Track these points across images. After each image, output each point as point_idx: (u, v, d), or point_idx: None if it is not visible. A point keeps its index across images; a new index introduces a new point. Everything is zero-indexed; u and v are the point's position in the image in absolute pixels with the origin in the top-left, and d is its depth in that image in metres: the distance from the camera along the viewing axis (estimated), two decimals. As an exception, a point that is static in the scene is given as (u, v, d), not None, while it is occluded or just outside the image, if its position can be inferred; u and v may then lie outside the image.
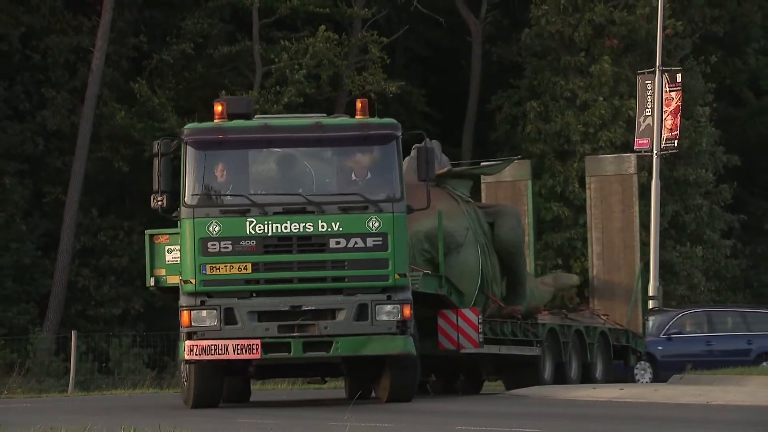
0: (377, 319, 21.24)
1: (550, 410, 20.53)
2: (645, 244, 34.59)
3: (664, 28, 34.70)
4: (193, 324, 21.25)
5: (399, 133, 21.60)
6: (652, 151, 36.13)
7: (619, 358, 28.81)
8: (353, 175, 21.62)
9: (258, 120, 22.29)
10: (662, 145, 36.04)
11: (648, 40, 40.28)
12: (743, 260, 47.01)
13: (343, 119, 22.35)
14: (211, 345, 21.09)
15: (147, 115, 41.07)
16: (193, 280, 21.26)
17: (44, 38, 41.36)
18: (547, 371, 26.57)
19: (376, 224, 21.24)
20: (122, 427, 15.21)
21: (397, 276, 21.27)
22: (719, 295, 44.81)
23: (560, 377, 26.74)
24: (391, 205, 21.33)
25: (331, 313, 21.26)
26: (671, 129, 35.87)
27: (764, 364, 32.55)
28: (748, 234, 47.93)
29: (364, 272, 21.29)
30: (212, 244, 21.19)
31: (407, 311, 21.25)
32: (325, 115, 22.84)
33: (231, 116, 21.80)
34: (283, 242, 21.19)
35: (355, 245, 21.20)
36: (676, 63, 39.99)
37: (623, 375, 30.39)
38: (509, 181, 28.76)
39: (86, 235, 41.12)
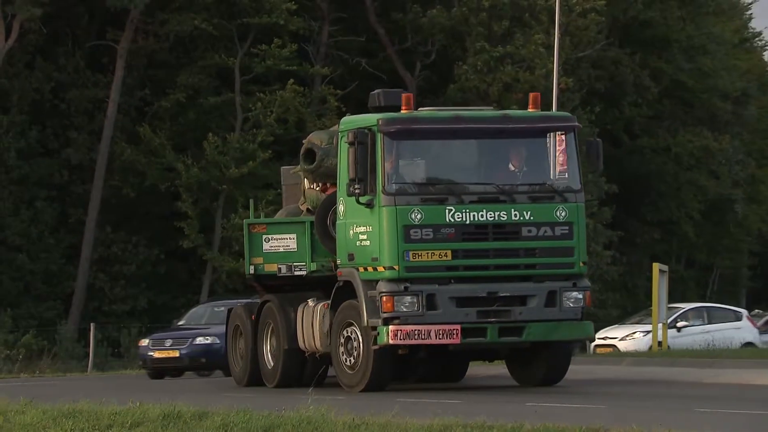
0: (564, 305, 18.12)
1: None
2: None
3: (558, 84, 34.81)
4: (395, 309, 17.79)
5: (577, 125, 18.76)
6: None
7: None
8: (537, 165, 18.59)
9: (450, 111, 19.24)
10: (556, 177, 35.91)
11: (546, 93, 40.44)
12: (620, 267, 47.32)
13: (527, 111, 18.95)
14: (415, 330, 17.69)
15: (150, 152, 40.96)
16: (396, 267, 17.83)
17: (69, 91, 41.33)
18: None
19: (563, 213, 18.21)
20: (130, 400, 15.08)
21: (581, 264, 18.30)
22: (601, 295, 45.02)
23: None
24: (574, 195, 18.38)
25: (521, 300, 18.11)
26: (562, 164, 35.81)
27: None
28: (624, 246, 48.27)
29: (553, 260, 18.19)
30: (414, 231, 17.84)
31: (589, 298, 18.36)
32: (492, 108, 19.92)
33: (386, 108, 18.70)
34: (479, 230, 18.00)
35: (545, 233, 18.10)
36: (568, 112, 40.16)
37: None
38: None
39: (102, 247, 41.05)
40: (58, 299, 40.32)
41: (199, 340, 27.60)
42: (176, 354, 27.47)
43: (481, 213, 17.96)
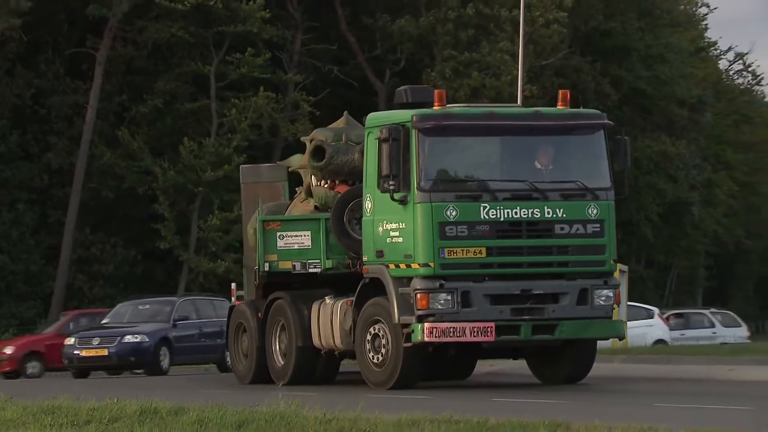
0: (596, 303, 17.29)
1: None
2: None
3: (522, 91, 34.84)
4: (430, 306, 16.89)
5: (607, 123, 17.78)
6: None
7: None
8: (568, 162, 17.75)
9: (482, 107, 18.56)
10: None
11: (511, 100, 40.46)
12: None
13: (558, 109, 17.97)
14: (450, 327, 16.79)
15: (128, 156, 40.83)
16: (432, 264, 16.92)
17: (49, 97, 41.15)
18: None
19: (594, 211, 17.34)
20: (108, 396, 14.96)
21: (611, 262, 17.45)
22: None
23: None
24: (605, 192, 17.46)
25: (554, 297, 17.23)
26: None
27: None
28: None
29: (585, 258, 17.30)
30: (450, 229, 16.95)
31: (618, 296, 17.57)
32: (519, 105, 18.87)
33: (413, 104, 17.71)
34: (513, 227, 17.13)
35: (577, 231, 17.23)
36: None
37: None
38: (267, 182, 24.00)
39: (81, 248, 40.88)
40: (38, 299, 40.15)
41: (128, 339, 26.55)
42: (105, 353, 26.40)
43: (515, 210, 17.13)
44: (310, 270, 18.96)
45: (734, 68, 64.22)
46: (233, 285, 23.59)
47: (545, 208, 17.17)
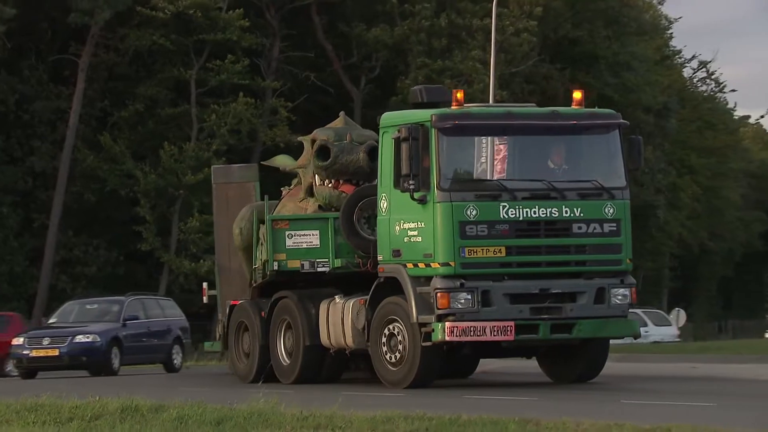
0: (612, 302, 16.81)
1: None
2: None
3: (494, 98, 34.84)
4: (451, 306, 16.38)
5: (623, 122, 17.32)
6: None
7: None
8: (585, 161, 17.25)
9: (500, 107, 18.01)
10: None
11: (482, 106, 40.45)
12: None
13: (575, 108, 17.56)
14: (471, 326, 16.28)
15: (110, 160, 40.74)
16: (452, 263, 16.39)
17: (33, 102, 41.01)
18: None
19: (611, 210, 16.84)
20: (90, 394, 14.88)
21: (627, 261, 17.01)
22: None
23: None
24: (621, 192, 16.99)
25: (571, 296, 16.73)
26: (500, 172, 35.77)
27: None
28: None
29: (602, 257, 16.80)
30: (470, 228, 16.41)
31: (634, 295, 16.97)
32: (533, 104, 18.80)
33: (428, 104, 17.18)
34: (532, 227, 16.59)
35: (594, 230, 16.73)
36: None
37: None
38: (238, 183, 22.89)
39: (64, 250, 40.74)
40: (22, 299, 39.98)
41: (80, 339, 25.29)
42: (56, 353, 25.10)
43: (533, 209, 16.60)
44: (319, 269, 18.49)
45: (698, 76, 64.49)
46: (204, 284, 23.16)
47: (563, 207, 16.70)
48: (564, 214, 16.67)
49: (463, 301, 16.39)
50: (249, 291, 19.86)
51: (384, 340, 17.22)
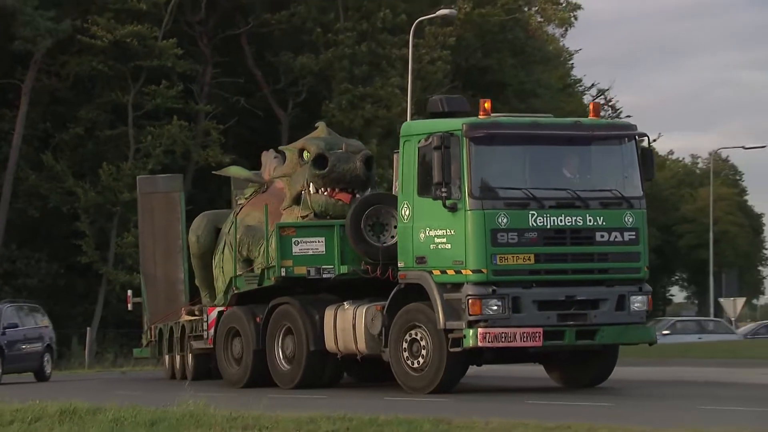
0: (632, 309, 16.32)
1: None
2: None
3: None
4: (482, 312, 15.75)
5: (642, 133, 16.84)
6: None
7: None
8: (605, 171, 16.70)
9: (527, 117, 17.31)
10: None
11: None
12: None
13: (595, 119, 17.03)
14: (502, 333, 15.68)
15: (52, 178, 40.35)
16: (485, 270, 15.79)
17: (-22, 123, 40.48)
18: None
19: (630, 219, 16.36)
20: (30, 398, 14.65)
21: (645, 268, 16.51)
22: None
23: None
24: (638, 201, 16.51)
25: (594, 303, 16.19)
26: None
27: None
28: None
29: (623, 264, 16.31)
30: (501, 235, 15.83)
31: (651, 302, 16.53)
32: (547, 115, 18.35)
33: (449, 113, 16.75)
34: (559, 234, 16.06)
35: (615, 239, 16.23)
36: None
37: None
38: (163, 193, 21.89)
39: (7, 262, 40.27)
40: (-34, 310, 39.24)
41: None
42: None
43: (560, 218, 16.09)
44: (324, 275, 17.78)
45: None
46: (129, 292, 22.67)
47: (587, 216, 16.24)
48: (588, 223, 16.24)
49: (494, 307, 15.81)
50: (225, 297, 19.03)
51: (405, 345, 16.56)
